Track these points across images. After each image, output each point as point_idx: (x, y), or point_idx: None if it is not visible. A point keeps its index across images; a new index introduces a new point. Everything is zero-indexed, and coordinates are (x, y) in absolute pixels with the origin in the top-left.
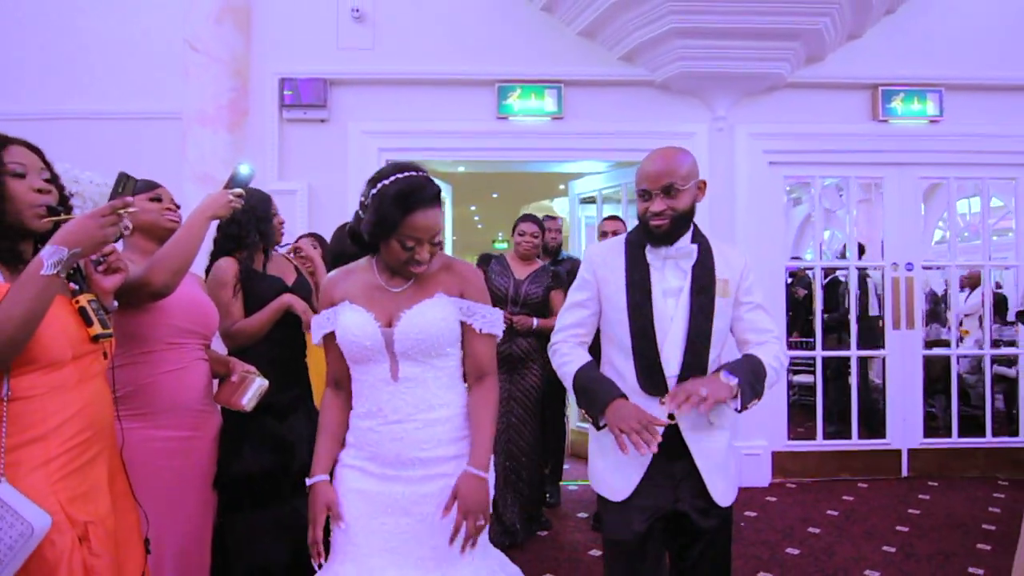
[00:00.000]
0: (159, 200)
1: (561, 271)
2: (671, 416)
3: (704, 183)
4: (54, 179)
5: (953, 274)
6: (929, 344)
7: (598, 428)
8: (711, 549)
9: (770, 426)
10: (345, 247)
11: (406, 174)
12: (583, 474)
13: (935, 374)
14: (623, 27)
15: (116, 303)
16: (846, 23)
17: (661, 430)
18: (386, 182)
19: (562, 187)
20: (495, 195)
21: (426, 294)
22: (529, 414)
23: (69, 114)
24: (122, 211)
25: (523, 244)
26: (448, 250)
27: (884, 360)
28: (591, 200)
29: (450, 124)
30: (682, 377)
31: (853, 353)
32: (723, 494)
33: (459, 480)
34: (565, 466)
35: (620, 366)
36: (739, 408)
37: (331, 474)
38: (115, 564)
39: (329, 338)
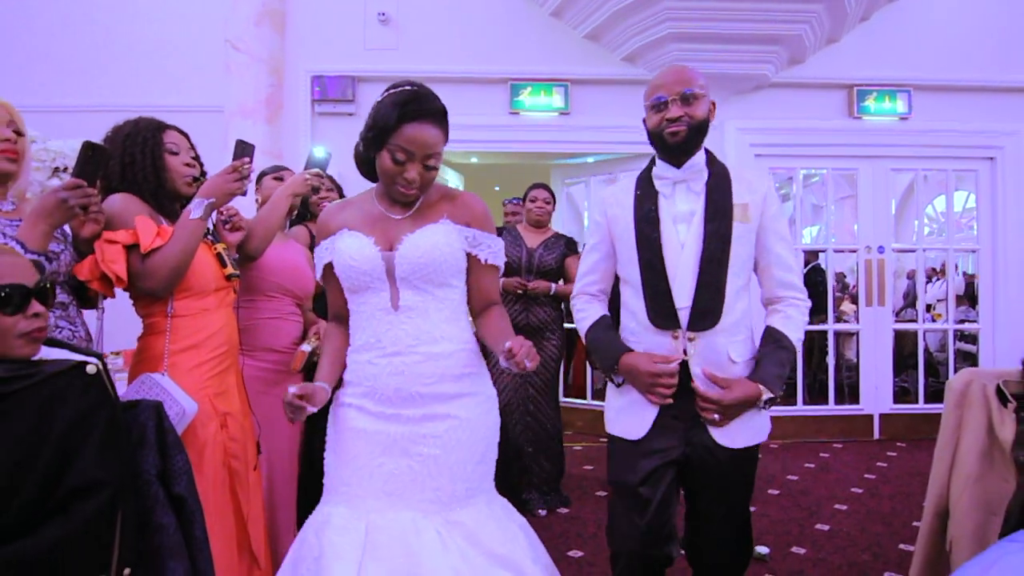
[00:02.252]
0: (281, 180)
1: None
2: (684, 352)
3: (714, 103)
4: (196, 157)
5: (920, 258)
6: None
7: (617, 386)
8: (724, 494)
9: None
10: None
11: (413, 86)
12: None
13: (908, 351)
14: (625, 32)
15: (236, 255)
16: (824, 29)
17: (675, 365)
18: (390, 91)
19: (569, 181)
20: (496, 188)
21: (430, 219)
22: (548, 385)
23: (120, 107)
24: (241, 168)
25: (534, 211)
26: None
27: (858, 334)
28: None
29: (467, 118)
30: (695, 310)
31: (830, 327)
32: (730, 437)
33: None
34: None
35: (633, 305)
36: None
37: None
38: (243, 449)
39: (328, 269)
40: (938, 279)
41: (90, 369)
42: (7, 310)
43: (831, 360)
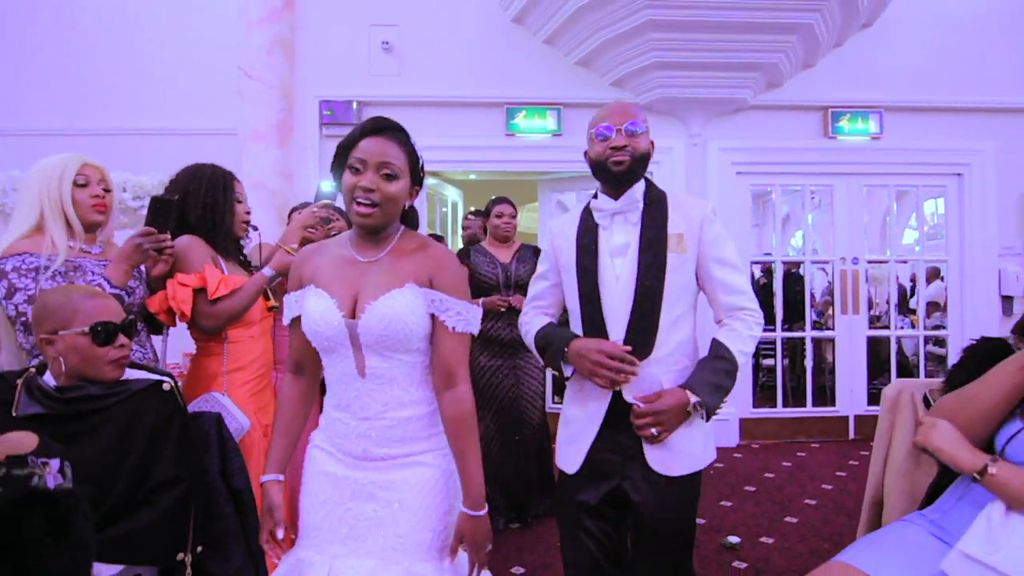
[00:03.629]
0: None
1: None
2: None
3: (653, 142)
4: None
5: (892, 269)
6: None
7: (566, 378)
8: (649, 537)
9: (737, 396)
10: (192, 189)
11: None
12: None
13: (883, 356)
14: (613, 59)
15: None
16: (799, 56)
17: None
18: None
19: (559, 191)
20: (492, 196)
21: (395, 280)
22: (537, 394)
23: (138, 130)
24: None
25: (501, 226)
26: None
27: (834, 340)
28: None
29: (466, 140)
30: (627, 342)
31: (807, 334)
32: (663, 463)
33: (459, 523)
34: None
35: (578, 333)
36: (706, 419)
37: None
38: None
39: (296, 321)
40: (928, 283)
41: (166, 387)
42: (100, 342)
43: (809, 364)
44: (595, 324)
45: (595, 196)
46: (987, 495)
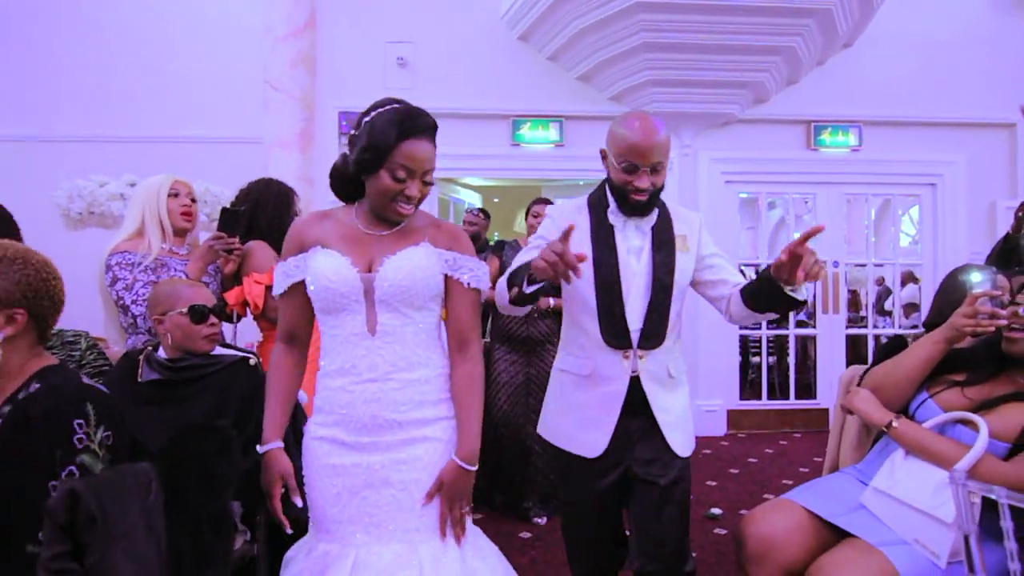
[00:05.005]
0: None
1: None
2: (634, 370)
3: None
4: None
5: (871, 271)
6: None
7: (533, 301)
8: (668, 506)
9: (725, 389)
10: (261, 201)
11: (402, 104)
12: None
13: (863, 353)
14: (612, 76)
15: None
16: (783, 74)
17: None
18: (381, 110)
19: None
20: (496, 199)
21: (411, 241)
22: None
23: (170, 138)
24: None
25: (536, 226)
26: None
27: (816, 338)
28: None
29: (474, 149)
30: (644, 331)
31: (791, 332)
32: (681, 445)
33: (445, 469)
34: None
35: (584, 323)
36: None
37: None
38: None
39: (293, 288)
40: (912, 283)
41: (252, 361)
42: (196, 320)
43: (792, 360)
44: (614, 315)
45: (602, 191)
46: (897, 447)
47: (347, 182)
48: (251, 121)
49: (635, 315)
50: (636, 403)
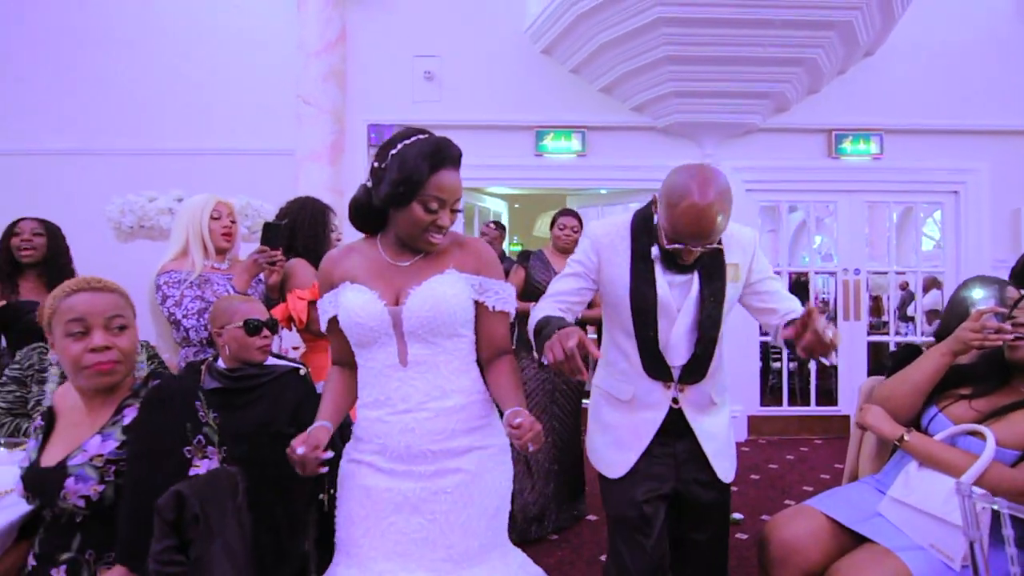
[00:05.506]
0: None
1: None
2: (675, 400)
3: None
4: None
5: (893, 278)
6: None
7: (541, 365)
8: (710, 526)
9: (747, 395)
10: (300, 218)
11: (427, 135)
12: None
13: (884, 359)
14: (634, 87)
15: None
16: (805, 84)
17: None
18: (407, 142)
19: (584, 208)
20: (516, 205)
21: (436, 269)
22: (572, 406)
23: (207, 150)
24: None
25: (562, 238)
26: None
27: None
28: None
29: (499, 159)
30: (687, 367)
31: None
32: (726, 471)
33: (512, 413)
34: None
35: (624, 346)
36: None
37: (334, 465)
38: None
39: (333, 322)
40: (936, 289)
41: (302, 372)
42: (250, 333)
43: (813, 366)
44: (652, 352)
45: (648, 212)
46: (911, 459)
47: (370, 215)
48: (284, 134)
49: (678, 352)
50: (679, 428)
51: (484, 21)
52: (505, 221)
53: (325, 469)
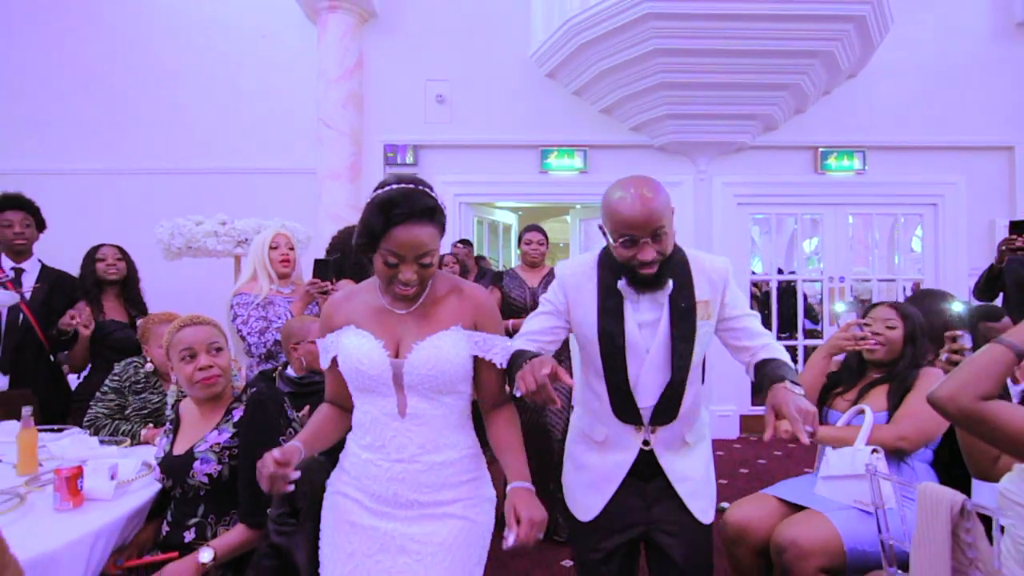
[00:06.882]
0: None
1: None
2: (645, 442)
3: (673, 209)
4: None
5: (875, 284)
6: None
7: (513, 396)
8: (696, 572)
9: (738, 395)
10: (347, 249)
11: (400, 185)
12: None
13: None
14: (632, 109)
15: None
16: (791, 106)
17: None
18: (379, 191)
19: (585, 219)
20: (519, 213)
21: (439, 323)
22: (561, 416)
23: (234, 169)
24: None
25: (530, 252)
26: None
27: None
28: None
29: (506, 176)
30: (657, 408)
31: (800, 342)
32: (703, 512)
33: (514, 494)
34: None
35: (596, 388)
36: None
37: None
38: None
39: (334, 362)
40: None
41: None
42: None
43: (800, 368)
44: (621, 393)
45: (604, 251)
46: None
47: (360, 257)
48: (307, 154)
49: (647, 393)
50: (651, 469)
51: (492, 47)
52: (514, 231)
53: (290, 488)
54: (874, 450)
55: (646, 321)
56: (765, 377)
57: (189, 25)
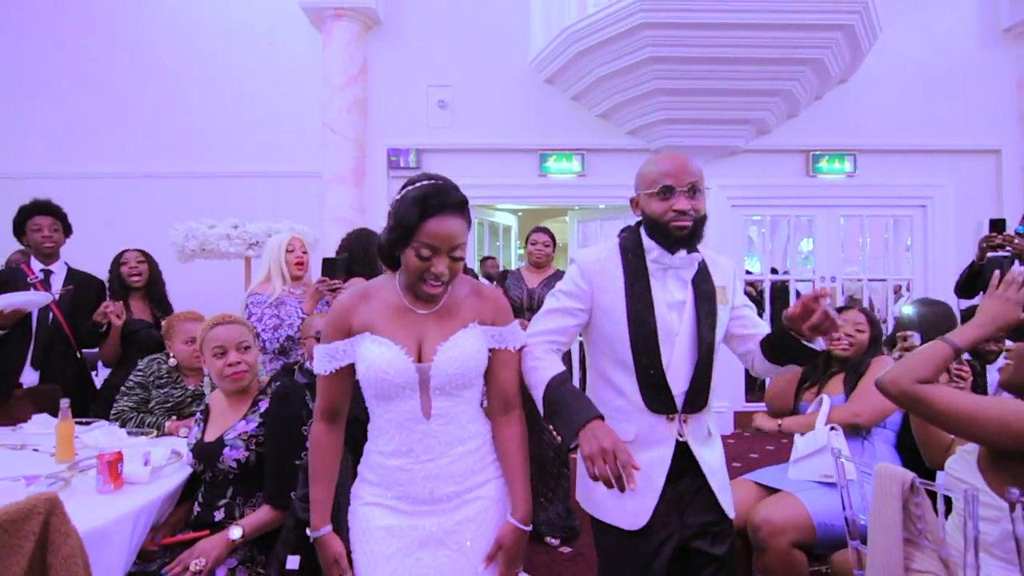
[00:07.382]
0: None
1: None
2: (679, 433)
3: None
4: None
5: (866, 284)
6: None
7: (568, 450)
8: (720, 564)
9: (732, 392)
10: (355, 249)
11: (432, 180)
12: None
13: None
14: (629, 114)
15: None
16: (783, 111)
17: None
18: (411, 187)
19: (583, 222)
20: (519, 214)
21: (459, 322)
22: None
23: (242, 173)
24: None
25: (535, 253)
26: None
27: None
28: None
29: (506, 179)
30: (690, 393)
31: None
32: (730, 507)
33: (504, 532)
34: None
35: (620, 382)
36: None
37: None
38: None
39: (343, 371)
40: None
41: None
42: None
43: None
44: (655, 379)
45: (634, 236)
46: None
47: (390, 256)
48: (312, 159)
49: (678, 377)
50: (682, 465)
51: (492, 53)
52: (514, 232)
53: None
54: (832, 428)
55: (674, 302)
56: (778, 326)
57: (200, 33)
